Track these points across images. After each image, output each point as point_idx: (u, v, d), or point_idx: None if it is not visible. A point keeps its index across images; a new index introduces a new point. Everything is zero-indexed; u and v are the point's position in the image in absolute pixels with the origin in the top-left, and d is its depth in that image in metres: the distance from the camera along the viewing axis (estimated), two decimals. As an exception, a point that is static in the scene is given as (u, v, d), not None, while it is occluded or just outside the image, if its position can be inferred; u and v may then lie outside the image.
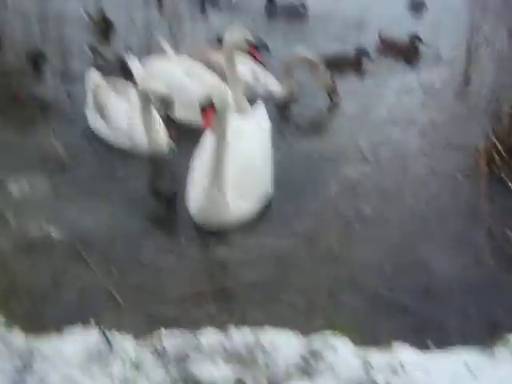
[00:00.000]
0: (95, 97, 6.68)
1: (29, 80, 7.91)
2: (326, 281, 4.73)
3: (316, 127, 7.25)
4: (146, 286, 4.62)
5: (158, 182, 5.77)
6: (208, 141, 5.39)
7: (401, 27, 9.65)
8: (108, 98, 6.59)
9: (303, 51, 7.76)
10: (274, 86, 7.66)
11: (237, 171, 5.30)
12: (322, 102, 7.62)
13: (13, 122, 6.82)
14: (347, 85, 8.10)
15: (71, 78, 7.91)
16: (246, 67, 7.57)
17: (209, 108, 4.94)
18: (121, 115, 6.46)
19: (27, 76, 7.97)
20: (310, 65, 7.63)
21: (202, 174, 5.29)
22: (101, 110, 6.56)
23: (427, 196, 5.78)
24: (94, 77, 6.93)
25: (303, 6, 10.86)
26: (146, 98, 6.09)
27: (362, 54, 8.62)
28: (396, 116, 7.24)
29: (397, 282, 4.75)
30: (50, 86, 7.83)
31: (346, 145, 6.63)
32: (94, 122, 6.65)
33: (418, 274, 4.85)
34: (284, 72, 7.65)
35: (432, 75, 8.37)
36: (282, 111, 7.51)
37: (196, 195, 5.30)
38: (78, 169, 6.04)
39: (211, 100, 4.94)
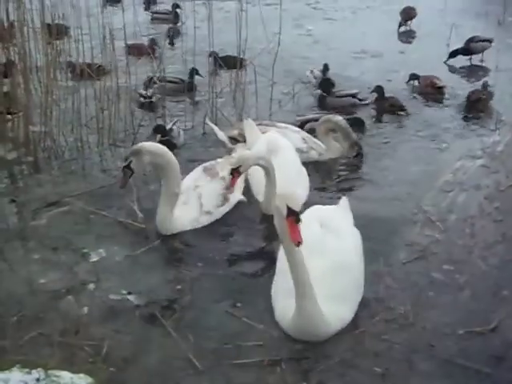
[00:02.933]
0: None
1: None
2: (400, 347, 4.79)
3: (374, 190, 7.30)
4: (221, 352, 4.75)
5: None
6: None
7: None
8: None
9: (334, 116, 8.07)
10: (322, 149, 7.86)
11: (329, 272, 4.91)
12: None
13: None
14: (409, 148, 8.23)
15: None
16: (297, 135, 7.80)
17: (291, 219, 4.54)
18: None
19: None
20: (340, 129, 7.91)
21: (286, 282, 4.85)
22: None
23: (499, 262, 5.79)
24: None
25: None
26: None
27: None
28: (461, 180, 7.28)
29: (472, 347, 4.78)
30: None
31: (412, 210, 6.67)
32: None
33: (493, 340, 4.86)
34: (323, 135, 7.92)
35: (495, 139, 8.43)
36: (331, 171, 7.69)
37: (284, 307, 4.92)
38: (157, 237, 6.22)
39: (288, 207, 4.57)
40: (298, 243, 4.50)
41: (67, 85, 9.04)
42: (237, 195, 6.70)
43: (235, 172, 6.16)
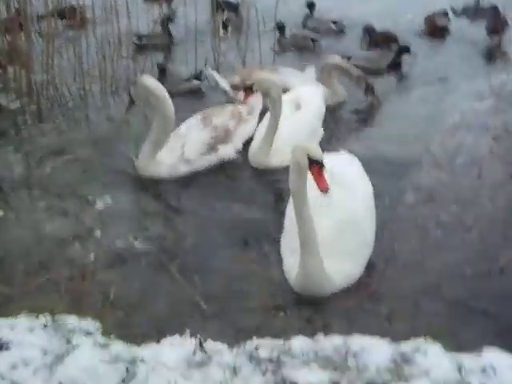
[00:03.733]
0: None
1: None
2: (407, 288, 4.78)
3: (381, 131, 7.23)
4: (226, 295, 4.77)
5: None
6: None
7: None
8: None
9: (333, 57, 7.93)
10: (326, 94, 7.69)
11: (336, 229, 4.78)
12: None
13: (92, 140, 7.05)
14: (416, 90, 8.12)
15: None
16: (297, 79, 7.67)
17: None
18: None
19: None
20: (342, 70, 7.81)
21: (294, 238, 4.74)
22: None
23: (506, 201, 5.74)
24: None
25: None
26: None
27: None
28: (469, 121, 7.18)
29: (479, 288, 4.76)
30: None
31: (419, 151, 6.60)
32: None
33: (501, 280, 4.85)
34: (325, 78, 7.77)
35: (503, 79, 8.30)
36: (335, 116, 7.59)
37: (291, 263, 4.82)
38: (162, 185, 6.22)
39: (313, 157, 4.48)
40: (326, 190, 4.47)
41: (67, 34, 8.94)
42: (229, 149, 6.56)
43: (248, 90, 6.41)
